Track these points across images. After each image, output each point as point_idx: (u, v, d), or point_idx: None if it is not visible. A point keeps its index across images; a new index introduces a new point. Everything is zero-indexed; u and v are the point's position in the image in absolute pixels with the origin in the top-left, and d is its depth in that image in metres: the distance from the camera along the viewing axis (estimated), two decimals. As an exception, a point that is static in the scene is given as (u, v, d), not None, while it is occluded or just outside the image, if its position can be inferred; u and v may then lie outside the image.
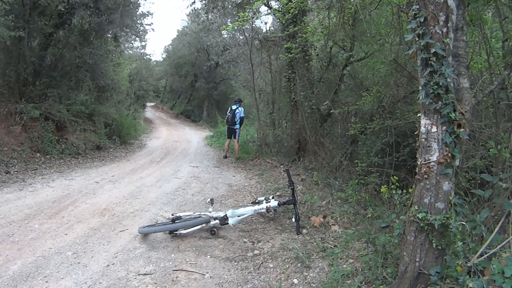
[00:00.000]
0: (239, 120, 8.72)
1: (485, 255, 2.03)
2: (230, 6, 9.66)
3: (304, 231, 3.62)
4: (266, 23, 16.87)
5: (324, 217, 3.84)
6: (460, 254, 2.01)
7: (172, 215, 3.74)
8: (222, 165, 8.08)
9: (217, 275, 2.78)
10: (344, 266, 2.78)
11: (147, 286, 2.56)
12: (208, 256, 3.11)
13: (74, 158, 7.55)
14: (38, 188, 5.09)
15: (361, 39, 5.78)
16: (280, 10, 7.20)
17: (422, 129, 2.08)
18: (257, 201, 4.17)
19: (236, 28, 7.73)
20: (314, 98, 6.75)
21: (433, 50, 1.96)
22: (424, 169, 2.05)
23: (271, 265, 2.95)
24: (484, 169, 3.11)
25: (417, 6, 2.03)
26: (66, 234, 3.43)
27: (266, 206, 3.79)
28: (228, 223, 3.58)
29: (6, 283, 2.49)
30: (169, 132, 16.41)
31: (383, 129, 4.70)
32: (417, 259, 2.07)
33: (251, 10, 6.61)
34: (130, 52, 19.11)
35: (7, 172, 5.72)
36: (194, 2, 10.63)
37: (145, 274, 2.72)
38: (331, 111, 6.16)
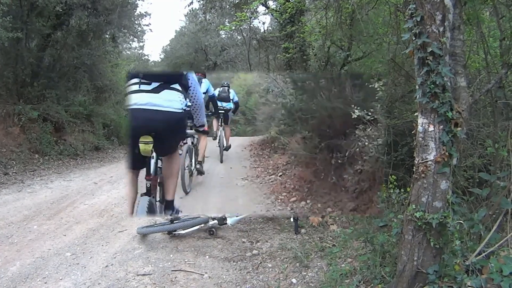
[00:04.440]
0: None
1: (483, 254, 2.03)
2: (227, 6, 9.68)
3: (303, 230, 3.62)
4: (264, 23, 16.87)
5: (323, 216, 3.84)
6: (458, 253, 2.01)
7: (171, 215, 3.73)
8: (221, 165, 8.05)
9: (216, 275, 2.78)
10: (343, 265, 2.78)
11: (146, 286, 2.56)
12: (207, 256, 3.11)
13: (73, 159, 7.54)
14: (36, 189, 5.09)
15: (358, 38, 5.77)
16: (277, 10, 7.19)
17: (419, 128, 2.08)
18: (256, 201, 4.17)
19: (233, 28, 7.74)
20: (313, 98, 6.74)
21: (429, 49, 1.96)
22: (422, 168, 2.05)
23: (270, 265, 2.95)
24: (482, 168, 3.11)
25: (414, 5, 2.03)
26: (65, 235, 3.42)
27: (265, 206, 3.79)
28: (226, 223, 3.58)
29: (5, 285, 2.49)
30: (168, 132, 16.34)
31: (381, 128, 4.69)
32: (415, 258, 2.07)
33: (248, 10, 6.61)
34: (128, 52, 19.09)
35: (6, 173, 5.71)
36: (192, 3, 10.65)
37: (144, 275, 2.72)
38: (329, 111, 6.15)
